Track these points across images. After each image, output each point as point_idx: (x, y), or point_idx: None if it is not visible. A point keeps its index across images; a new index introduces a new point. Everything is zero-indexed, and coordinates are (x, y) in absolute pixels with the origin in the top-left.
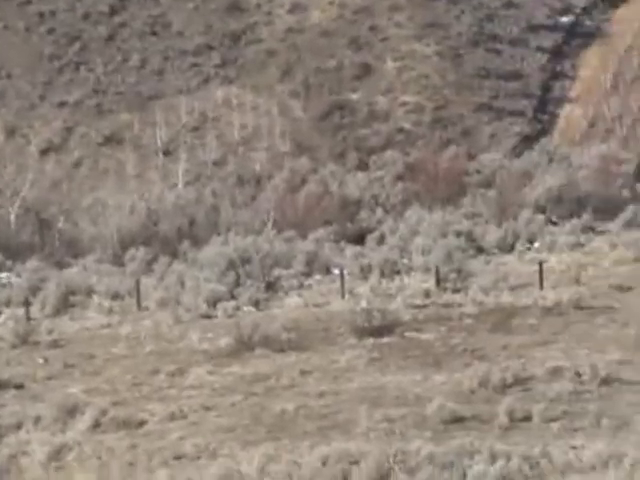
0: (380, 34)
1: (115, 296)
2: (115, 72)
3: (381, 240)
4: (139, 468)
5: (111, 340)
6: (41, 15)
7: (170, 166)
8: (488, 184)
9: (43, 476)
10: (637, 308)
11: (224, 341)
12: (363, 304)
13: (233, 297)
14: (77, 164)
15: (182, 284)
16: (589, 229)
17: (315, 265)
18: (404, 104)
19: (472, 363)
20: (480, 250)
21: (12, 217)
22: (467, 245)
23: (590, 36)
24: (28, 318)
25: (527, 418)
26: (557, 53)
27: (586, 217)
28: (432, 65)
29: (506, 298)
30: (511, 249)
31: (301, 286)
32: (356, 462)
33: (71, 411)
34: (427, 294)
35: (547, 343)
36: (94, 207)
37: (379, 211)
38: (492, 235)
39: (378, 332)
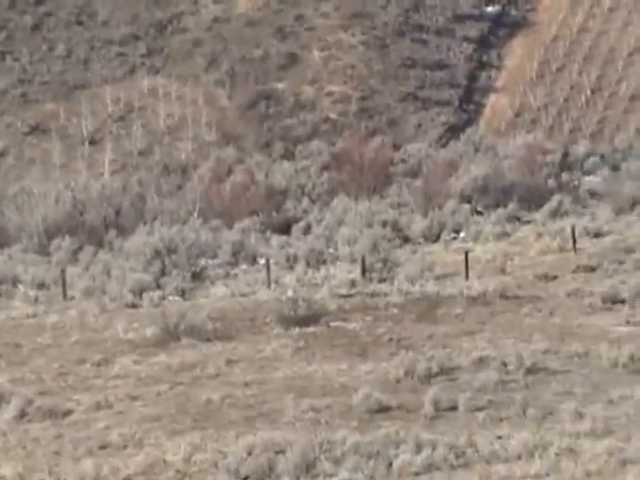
0: (306, 24)
1: (41, 285)
2: (41, 61)
3: (307, 230)
4: (65, 457)
5: (37, 330)
6: None
7: (96, 155)
8: (414, 174)
9: None
10: (562, 297)
11: (150, 331)
12: (289, 294)
13: (159, 287)
14: (3, 153)
15: (108, 273)
16: (515, 219)
17: (241, 255)
18: (330, 94)
19: (398, 352)
20: (406, 240)
21: None
22: (393, 235)
23: (516, 26)
24: None
25: (453, 407)
26: (483, 43)
27: (512, 207)
28: (358, 55)
29: (432, 288)
30: (437, 239)
31: (227, 276)
32: (282, 451)
33: None
34: (353, 284)
35: (473, 333)
36: (20, 196)
37: (305, 201)
38: (418, 225)
39: (304, 322)
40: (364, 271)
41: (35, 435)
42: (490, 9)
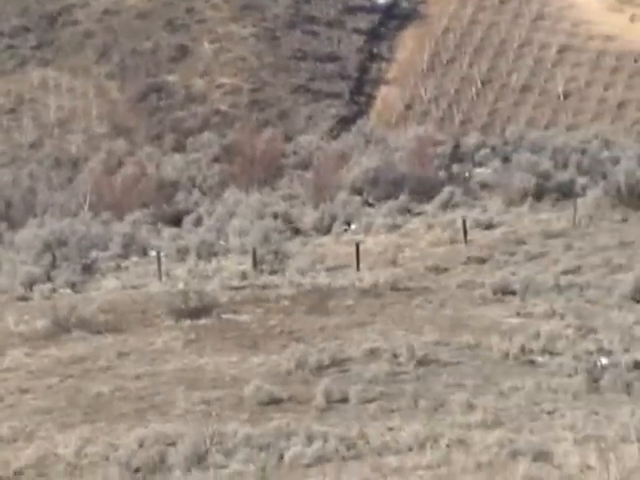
0: (197, 16)
1: None
2: None
3: (198, 222)
4: None
5: None
6: None
7: None
8: (305, 166)
9: None
10: (453, 289)
11: (40, 323)
12: (180, 286)
13: (49, 279)
14: None
15: None
16: (406, 210)
17: (132, 247)
18: (221, 86)
19: (289, 344)
20: (297, 232)
21: None
22: (284, 227)
23: (407, 18)
24: None
25: (344, 399)
26: (374, 35)
27: (403, 198)
28: (249, 47)
29: (323, 279)
30: (328, 231)
31: (118, 268)
32: (173, 444)
33: None
34: (244, 276)
35: (364, 324)
36: None
37: (196, 193)
38: (309, 217)
39: (195, 314)
40: (255, 263)
41: None
42: (381, 1)
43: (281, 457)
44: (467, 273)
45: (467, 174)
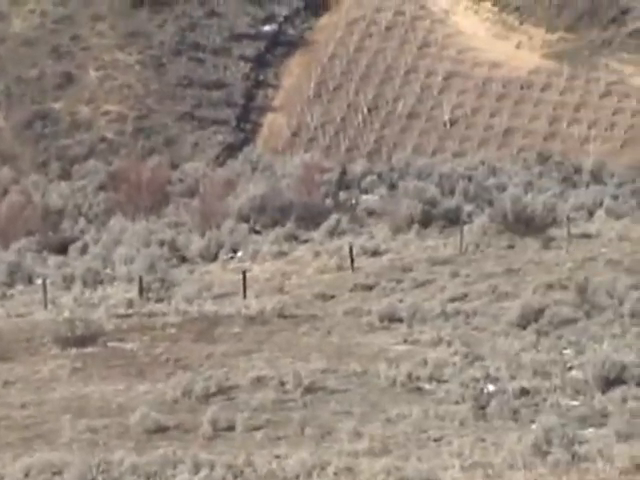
0: (82, 43)
1: None
2: None
3: (84, 250)
4: None
5: None
6: None
7: None
8: (191, 193)
9: None
10: (340, 316)
11: None
12: (66, 314)
13: None
14: None
15: None
16: (292, 238)
17: (17, 275)
18: (106, 113)
19: (175, 372)
20: (184, 259)
21: None
22: (171, 254)
23: (293, 45)
24: None
25: (231, 427)
26: (260, 62)
27: (290, 226)
28: (135, 74)
29: (210, 307)
30: (215, 258)
31: (3, 296)
32: (59, 472)
33: None
34: (130, 304)
35: (251, 352)
36: None
37: (82, 221)
38: (196, 244)
39: (81, 342)
40: (141, 291)
41: None
42: (267, 28)
43: None
44: (354, 300)
45: (354, 201)
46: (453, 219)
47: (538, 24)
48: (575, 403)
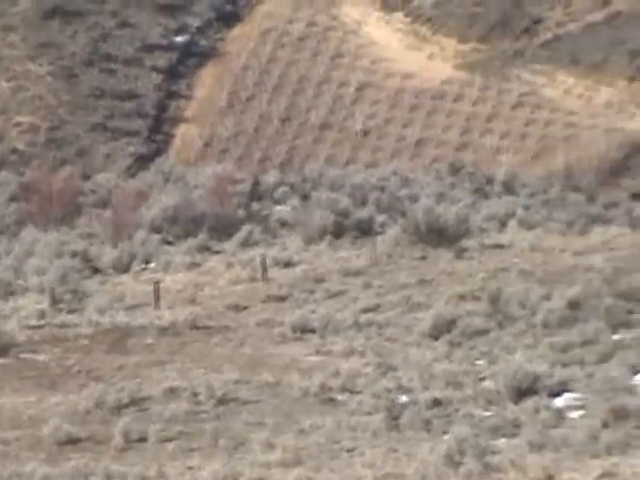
0: None
1: None
2: None
3: None
4: None
5: None
6: None
7: None
8: (104, 204)
9: None
10: (252, 327)
11: None
12: None
13: None
14: None
15: None
16: (205, 249)
17: None
18: (18, 124)
19: (88, 384)
20: (96, 270)
21: None
22: (83, 265)
23: (205, 56)
24: None
25: (143, 439)
26: (172, 73)
27: (202, 237)
28: (46, 85)
29: (122, 318)
30: (127, 269)
31: None
32: None
33: None
34: (42, 315)
35: (163, 363)
36: None
37: None
38: (108, 255)
39: None
40: (53, 302)
41: None
42: (179, 39)
43: None
44: (267, 311)
45: (266, 212)
46: (365, 230)
47: (450, 35)
48: (487, 413)
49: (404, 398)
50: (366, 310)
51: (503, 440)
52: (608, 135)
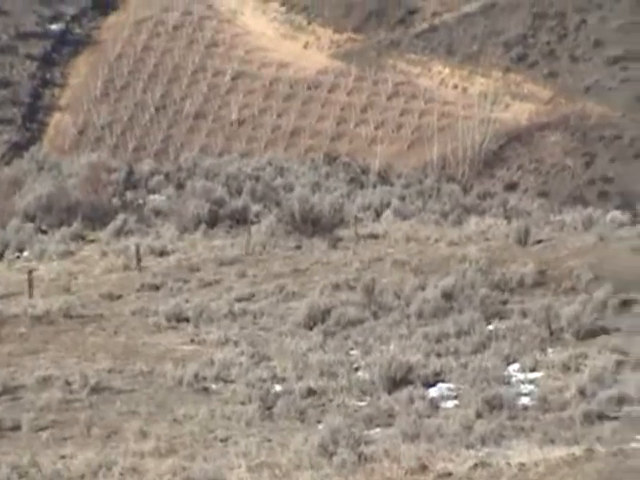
0: None
1: None
2: None
3: None
4: None
5: None
6: None
7: None
8: None
9: None
10: (127, 316)
11: None
12: None
13: None
14: None
15: None
16: (79, 237)
17: None
18: None
19: None
20: None
21: None
22: None
23: (80, 44)
24: None
25: (16, 427)
26: (47, 61)
27: (76, 225)
28: None
29: None
30: (0, 258)
31: None
32: None
33: None
34: None
35: (37, 352)
36: None
37: None
38: None
39: None
40: None
41: None
42: (54, 27)
43: None
44: (141, 300)
45: (141, 201)
46: (240, 219)
47: (326, 24)
48: (362, 404)
49: (278, 388)
50: (240, 299)
51: (377, 430)
52: (483, 126)
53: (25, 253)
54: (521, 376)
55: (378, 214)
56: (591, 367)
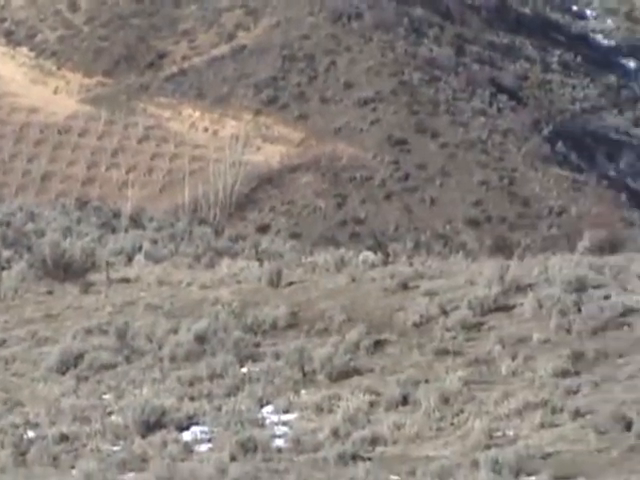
0: None
1: None
2: None
3: None
4: None
5: None
6: None
7: None
8: None
9: None
10: None
11: None
12: None
13: None
14: None
15: None
16: None
17: None
18: None
19: None
20: None
21: None
22: None
23: None
24: None
25: None
26: None
27: None
28: None
29: None
30: None
31: None
32: None
33: None
34: None
35: None
36: None
37: None
38: None
39: None
40: None
41: None
42: None
43: None
44: None
45: None
46: None
47: (75, 69)
48: (115, 448)
49: (31, 433)
50: None
51: (131, 474)
52: (234, 168)
53: None
54: (275, 418)
55: (130, 258)
56: (344, 408)
